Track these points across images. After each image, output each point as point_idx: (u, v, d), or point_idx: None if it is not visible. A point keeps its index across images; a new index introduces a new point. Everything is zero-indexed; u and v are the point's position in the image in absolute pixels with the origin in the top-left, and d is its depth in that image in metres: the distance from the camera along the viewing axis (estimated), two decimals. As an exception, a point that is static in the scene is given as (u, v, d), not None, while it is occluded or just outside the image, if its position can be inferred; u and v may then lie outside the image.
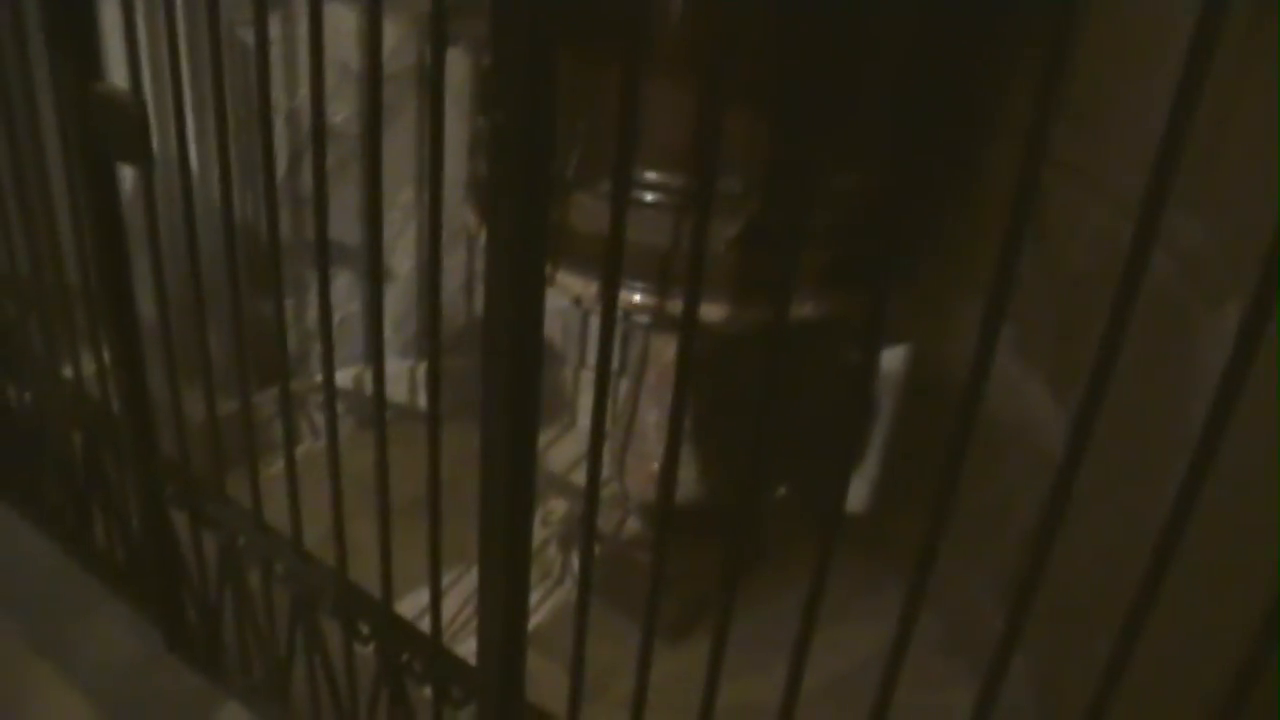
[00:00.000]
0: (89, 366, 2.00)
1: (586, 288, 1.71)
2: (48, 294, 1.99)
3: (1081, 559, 1.76)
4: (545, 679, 1.50)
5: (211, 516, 1.83)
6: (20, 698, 2.04)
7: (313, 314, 2.62)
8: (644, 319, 1.74)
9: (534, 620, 1.53)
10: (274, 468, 1.70)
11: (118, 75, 1.63)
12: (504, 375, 1.19)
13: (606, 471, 2.31)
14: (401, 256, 2.64)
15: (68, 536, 2.32)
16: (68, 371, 2.06)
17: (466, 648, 1.52)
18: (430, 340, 1.29)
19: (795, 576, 1.92)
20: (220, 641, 2.02)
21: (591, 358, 2.71)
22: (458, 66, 2.37)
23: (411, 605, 1.65)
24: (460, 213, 2.08)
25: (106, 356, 1.87)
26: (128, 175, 1.83)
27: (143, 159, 1.56)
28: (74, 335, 2.01)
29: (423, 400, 2.75)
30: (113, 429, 1.97)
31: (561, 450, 2.75)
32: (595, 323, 2.63)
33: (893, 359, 2.28)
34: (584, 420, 2.77)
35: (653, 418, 2.09)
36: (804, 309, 1.65)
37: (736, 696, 1.25)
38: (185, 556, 1.98)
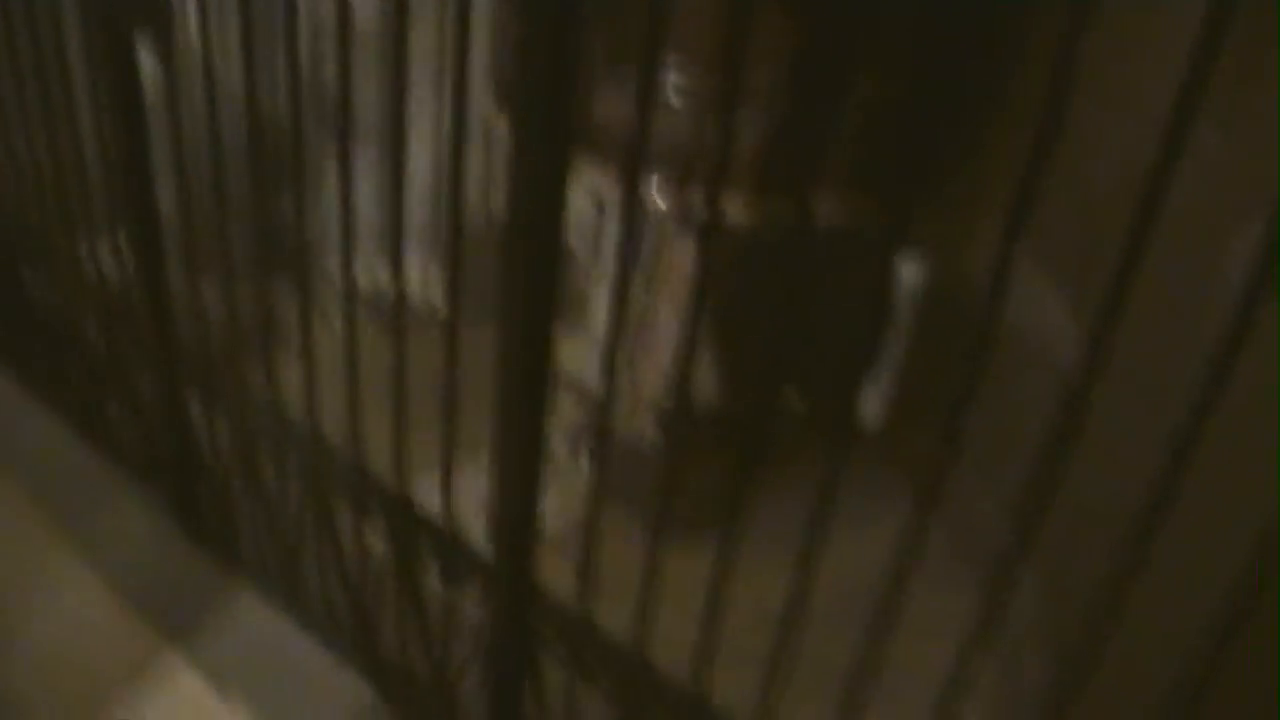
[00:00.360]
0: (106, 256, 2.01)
1: (607, 182, 1.70)
2: (67, 180, 1.99)
3: (1092, 467, 1.77)
4: (553, 576, 1.51)
5: (227, 401, 1.83)
6: (39, 582, 2.08)
7: (328, 206, 2.62)
8: (663, 216, 1.73)
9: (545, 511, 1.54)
10: (288, 353, 1.71)
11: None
12: (523, 268, 1.19)
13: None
14: (418, 153, 2.62)
15: (85, 423, 2.34)
16: (86, 261, 2.07)
17: (477, 538, 1.55)
18: (450, 215, 1.28)
19: (806, 481, 1.94)
20: (235, 527, 2.05)
21: (608, 260, 2.70)
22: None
23: (423, 495, 1.66)
24: (480, 105, 2.06)
25: (124, 243, 1.88)
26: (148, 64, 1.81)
27: (160, 26, 1.55)
28: (92, 221, 2.01)
29: (436, 299, 2.76)
30: (130, 315, 1.98)
31: (571, 349, 2.75)
32: (611, 220, 2.62)
33: (911, 269, 2.27)
34: (596, 320, 2.77)
35: (667, 317, 2.09)
36: (826, 211, 1.64)
37: (747, 597, 1.26)
38: (200, 441, 2.00)
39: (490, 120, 1.94)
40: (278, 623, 2.02)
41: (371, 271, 2.70)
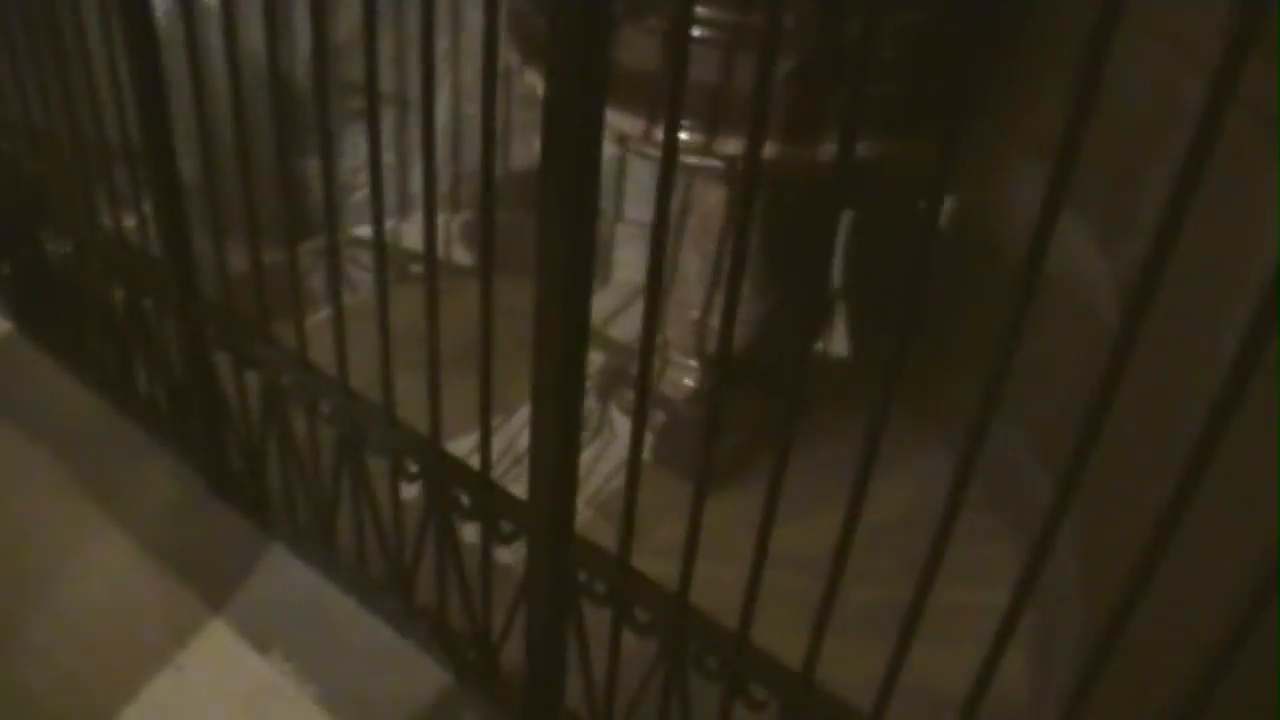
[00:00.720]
0: (128, 217, 2.00)
1: (633, 126, 1.68)
2: (86, 141, 1.98)
3: (1131, 412, 1.76)
4: (587, 527, 1.52)
5: (255, 356, 1.83)
6: (69, 543, 2.09)
7: (346, 166, 2.61)
8: (691, 160, 1.71)
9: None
10: (315, 318, 1.71)
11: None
12: (559, 221, 1.18)
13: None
14: (438, 106, 2.60)
15: (110, 385, 2.34)
16: (107, 221, 2.06)
17: (515, 489, 1.55)
18: (484, 167, 1.27)
19: (839, 427, 1.94)
20: (265, 484, 2.05)
21: (629, 209, 2.68)
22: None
23: (456, 449, 1.65)
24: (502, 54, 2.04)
25: (146, 202, 1.87)
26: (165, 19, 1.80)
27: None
28: (112, 182, 2.00)
29: (457, 254, 2.76)
30: (153, 275, 1.97)
31: (599, 302, 2.74)
32: (634, 169, 2.61)
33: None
34: (621, 273, 2.76)
35: (695, 265, 2.07)
36: (858, 150, 1.62)
37: (779, 544, 1.26)
38: (228, 400, 2.00)
39: (511, 73, 1.92)
40: (313, 578, 2.02)
41: (394, 231, 2.70)
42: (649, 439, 2.13)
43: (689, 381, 2.27)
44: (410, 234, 2.70)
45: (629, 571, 1.42)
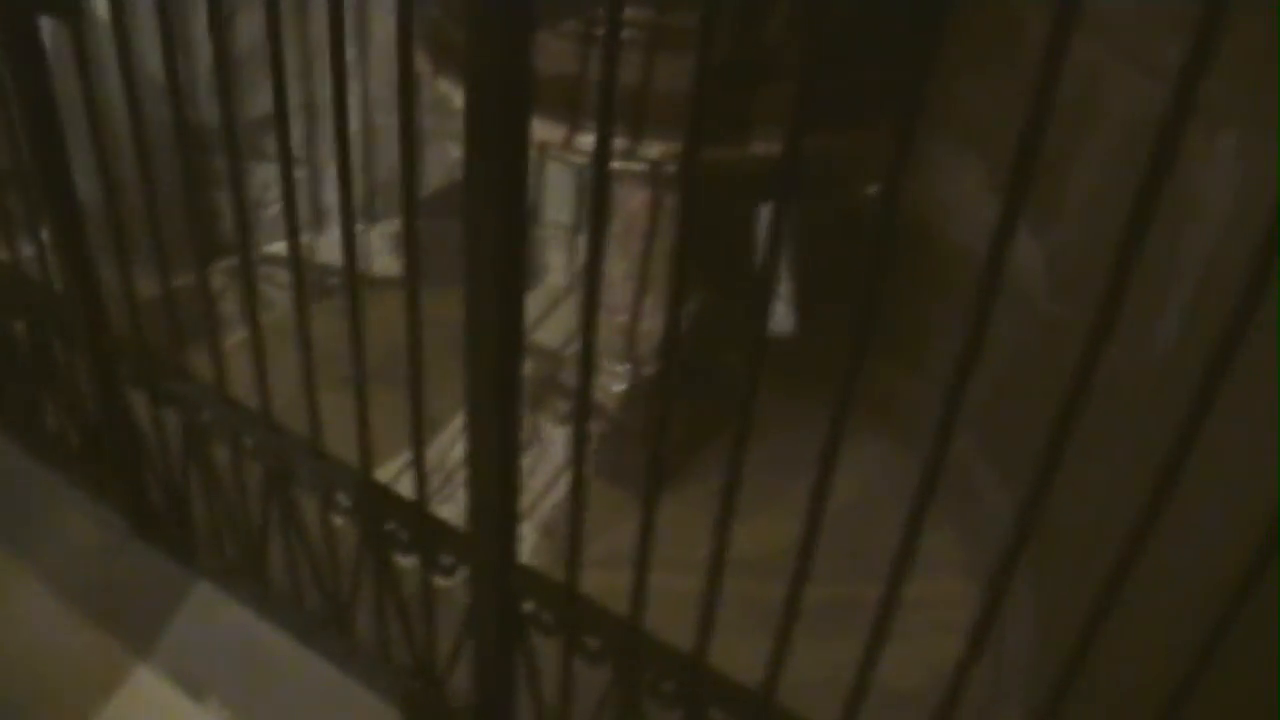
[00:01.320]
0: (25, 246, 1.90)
1: (553, 134, 1.63)
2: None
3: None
4: (535, 545, 1.46)
5: (171, 393, 1.75)
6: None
7: (255, 182, 2.53)
8: (615, 165, 1.66)
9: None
10: (229, 341, 1.63)
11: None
12: (490, 232, 1.12)
13: (572, 326, 2.27)
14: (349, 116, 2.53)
15: (18, 426, 2.23)
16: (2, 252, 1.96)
17: (447, 514, 1.49)
18: (405, 185, 1.21)
19: (777, 417, 1.90)
20: (189, 523, 1.96)
21: (551, 212, 2.62)
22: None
23: (388, 470, 1.59)
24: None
25: (46, 235, 1.77)
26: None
27: (68, 11, 1.45)
28: (6, 214, 1.90)
29: (377, 266, 2.68)
30: (57, 311, 1.87)
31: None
32: (555, 173, 2.55)
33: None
34: (550, 278, 2.70)
35: (619, 268, 2.03)
36: (772, 148, 1.58)
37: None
38: (146, 437, 1.91)
39: (422, 80, 1.86)
40: (245, 618, 1.93)
41: (308, 246, 2.62)
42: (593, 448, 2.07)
43: (619, 386, 2.22)
44: (326, 249, 2.62)
45: (577, 599, 1.36)
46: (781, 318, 2.48)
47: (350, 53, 2.39)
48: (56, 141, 1.64)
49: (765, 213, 2.31)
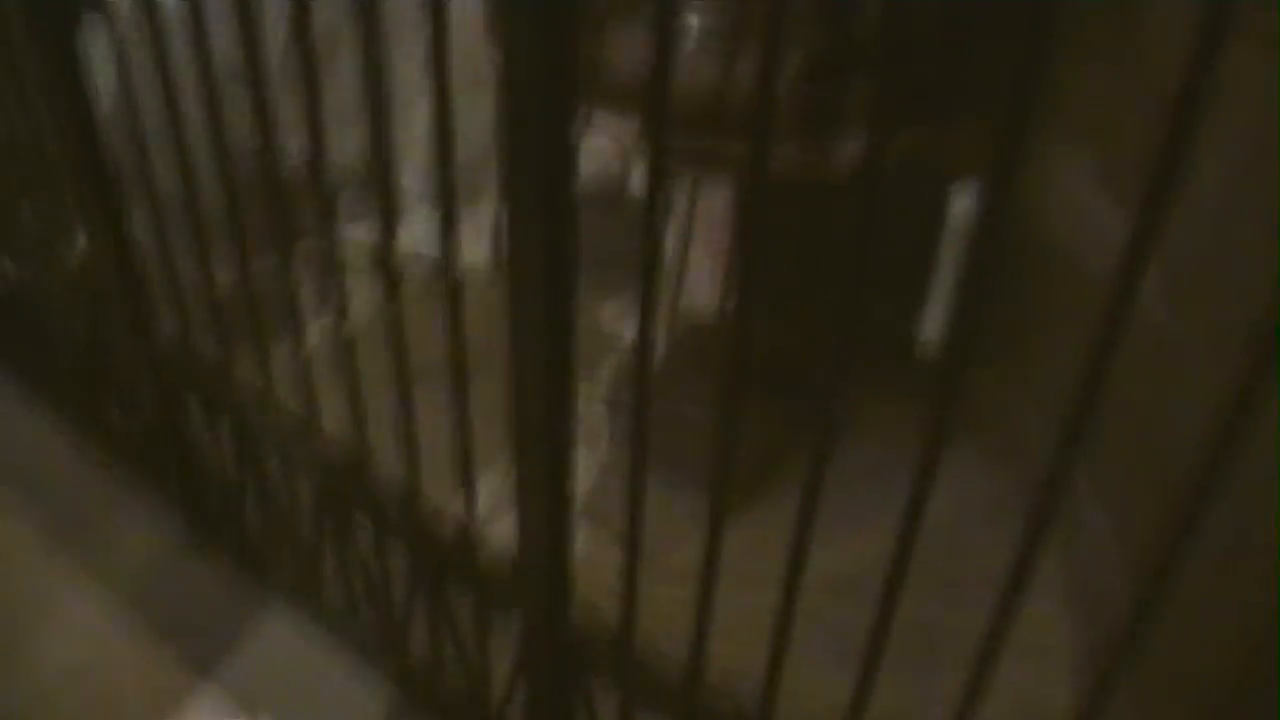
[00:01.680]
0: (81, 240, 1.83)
1: (628, 131, 1.51)
2: (32, 173, 1.81)
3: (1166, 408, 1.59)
4: (594, 550, 1.34)
5: (220, 399, 1.67)
6: (44, 599, 1.93)
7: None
8: (690, 165, 1.54)
9: (580, 484, 1.34)
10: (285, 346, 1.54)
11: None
12: (534, 227, 1.00)
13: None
14: (421, 107, 2.44)
15: (87, 427, 2.19)
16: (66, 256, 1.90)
17: (504, 544, 1.37)
18: (444, 180, 1.09)
19: (860, 438, 1.76)
20: (245, 532, 1.88)
21: (632, 209, 2.51)
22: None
23: (443, 485, 1.46)
24: (486, 52, 1.87)
25: (93, 240, 1.70)
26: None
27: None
28: (61, 210, 1.84)
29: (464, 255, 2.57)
30: (111, 308, 1.80)
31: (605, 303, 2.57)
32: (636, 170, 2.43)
33: (963, 196, 2.08)
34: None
35: (704, 267, 1.91)
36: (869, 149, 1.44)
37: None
38: (203, 448, 1.84)
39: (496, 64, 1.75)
40: (301, 636, 1.85)
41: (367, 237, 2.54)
42: (662, 454, 1.94)
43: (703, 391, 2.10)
44: (405, 237, 2.54)
45: (633, 659, 1.24)
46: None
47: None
48: (95, 145, 1.56)
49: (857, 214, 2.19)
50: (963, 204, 2.08)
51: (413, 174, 2.63)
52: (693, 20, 1.42)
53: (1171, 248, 1.61)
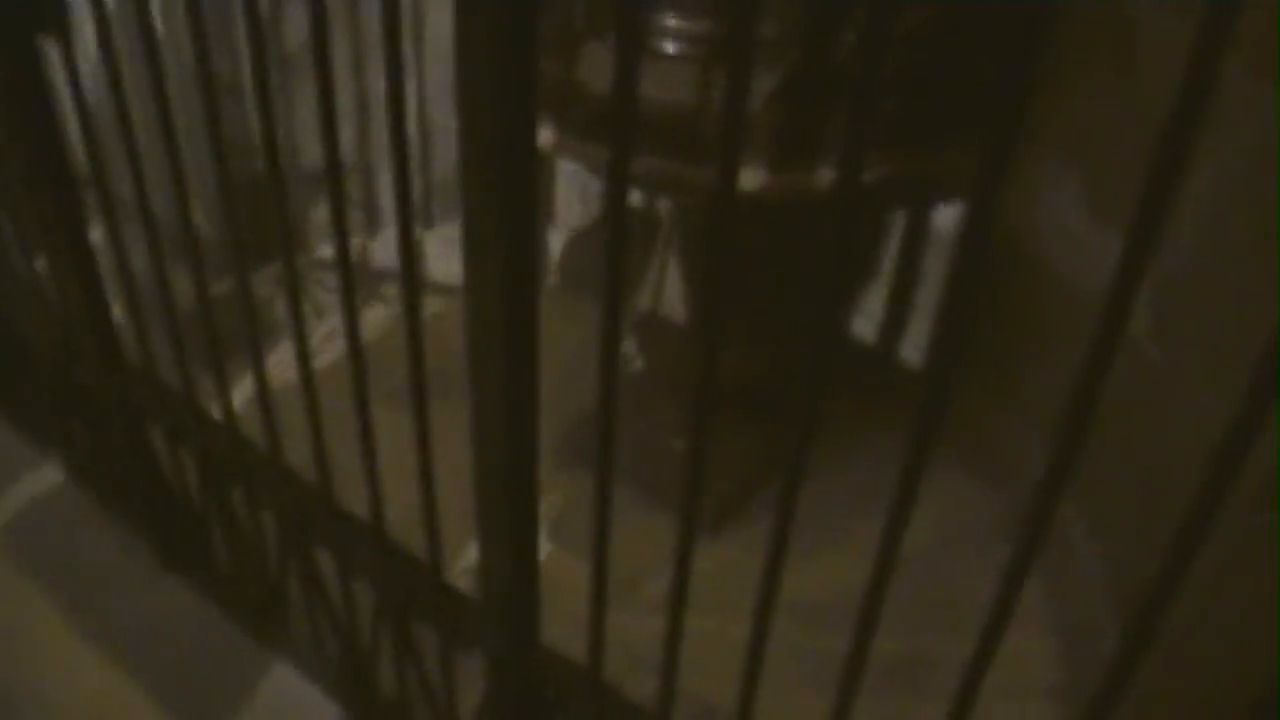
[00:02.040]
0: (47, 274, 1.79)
1: (601, 154, 1.46)
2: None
3: (1163, 445, 1.55)
4: (564, 575, 1.29)
5: (184, 430, 1.62)
6: (8, 618, 1.89)
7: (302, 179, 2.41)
8: (661, 189, 1.50)
9: (549, 503, 1.28)
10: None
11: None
12: (490, 246, 0.95)
13: (628, 349, 2.11)
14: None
15: (54, 444, 2.14)
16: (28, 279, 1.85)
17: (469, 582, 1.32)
18: (400, 205, 1.05)
19: (837, 457, 1.70)
20: (212, 560, 1.84)
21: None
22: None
23: (411, 515, 1.42)
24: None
25: (57, 263, 1.66)
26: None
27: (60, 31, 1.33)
28: (28, 240, 1.79)
29: (434, 270, 2.54)
30: (77, 339, 1.76)
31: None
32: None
33: (947, 216, 2.06)
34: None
35: (678, 290, 1.87)
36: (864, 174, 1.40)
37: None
38: (167, 475, 1.79)
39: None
40: (266, 669, 1.79)
41: (361, 247, 2.51)
42: (635, 479, 1.89)
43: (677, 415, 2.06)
44: (381, 251, 2.52)
45: (601, 696, 1.19)
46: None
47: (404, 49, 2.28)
48: (59, 167, 1.52)
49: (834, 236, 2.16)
50: (947, 222, 2.05)
51: (389, 188, 2.60)
52: (666, 42, 1.38)
53: (1160, 278, 1.58)
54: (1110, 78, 1.65)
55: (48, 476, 2.16)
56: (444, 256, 2.56)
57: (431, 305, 1.19)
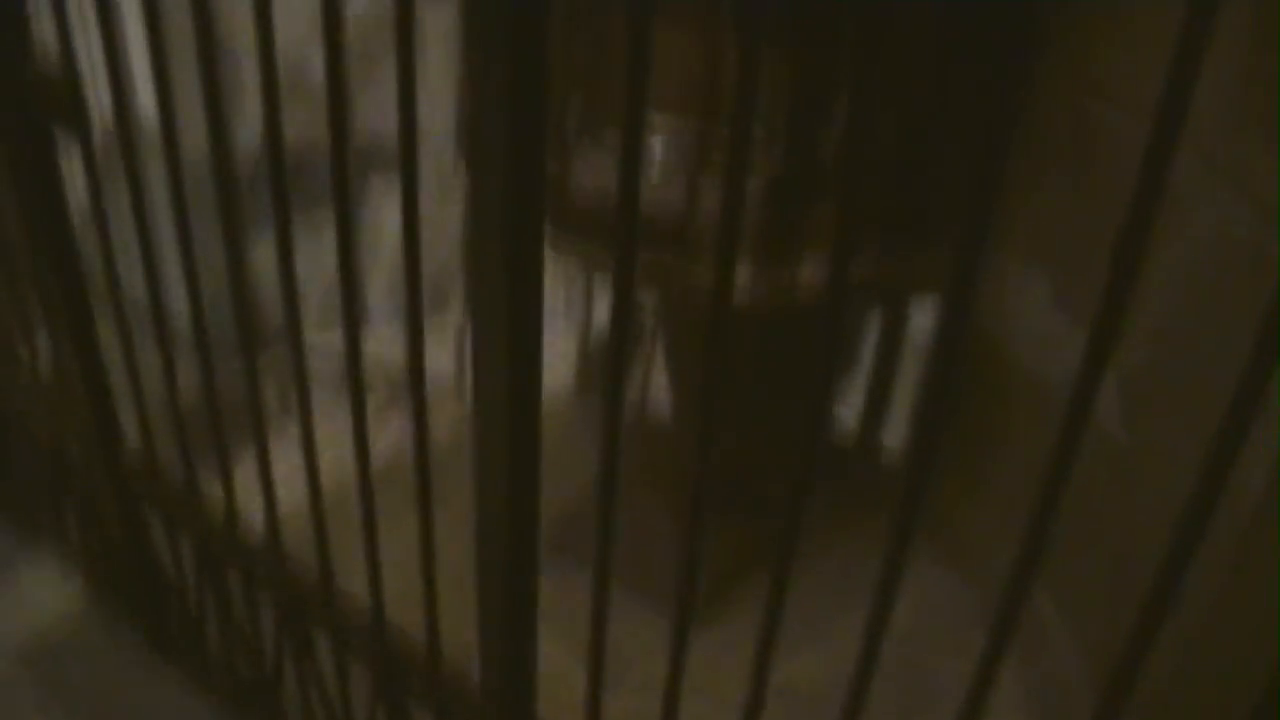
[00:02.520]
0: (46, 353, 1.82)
1: (595, 253, 1.53)
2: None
3: (1130, 528, 1.60)
4: (556, 665, 1.32)
5: (183, 519, 1.65)
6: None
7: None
8: (649, 283, 1.56)
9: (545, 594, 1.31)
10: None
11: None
12: (499, 349, 1.01)
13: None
14: (390, 214, 2.46)
15: (46, 530, 2.16)
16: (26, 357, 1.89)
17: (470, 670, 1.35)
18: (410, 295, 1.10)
19: (820, 549, 1.74)
20: (204, 646, 1.85)
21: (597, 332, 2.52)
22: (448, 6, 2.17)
23: (411, 604, 1.45)
24: (455, 164, 1.90)
25: (59, 344, 1.70)
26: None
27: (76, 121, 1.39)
28: (26, 316, 1.83)
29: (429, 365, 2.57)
30: (74, 418, 1.79)
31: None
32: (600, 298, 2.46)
33: (922, 312, 2.12)
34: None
35: (665, 387, 1.92)
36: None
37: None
38: (163, 560, 1.81)
39: (465, 179, 1.78)
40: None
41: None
42: (625, 571, 1.93)
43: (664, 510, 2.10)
44: (370, 345, 2.54)
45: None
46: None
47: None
48: (68, 254, 1.57)
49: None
50: (922, 320, 2.12)
51: (380, 281, 2.64)
52: (655, 144, 1.44)
53: (1126, 366, 1.65)
54: (1072, 178, 1.72)
55: (39, 562, 2.17)
56: (431, 349, 2.60)
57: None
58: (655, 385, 2.01)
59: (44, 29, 1.44)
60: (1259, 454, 0.80)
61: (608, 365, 0.98)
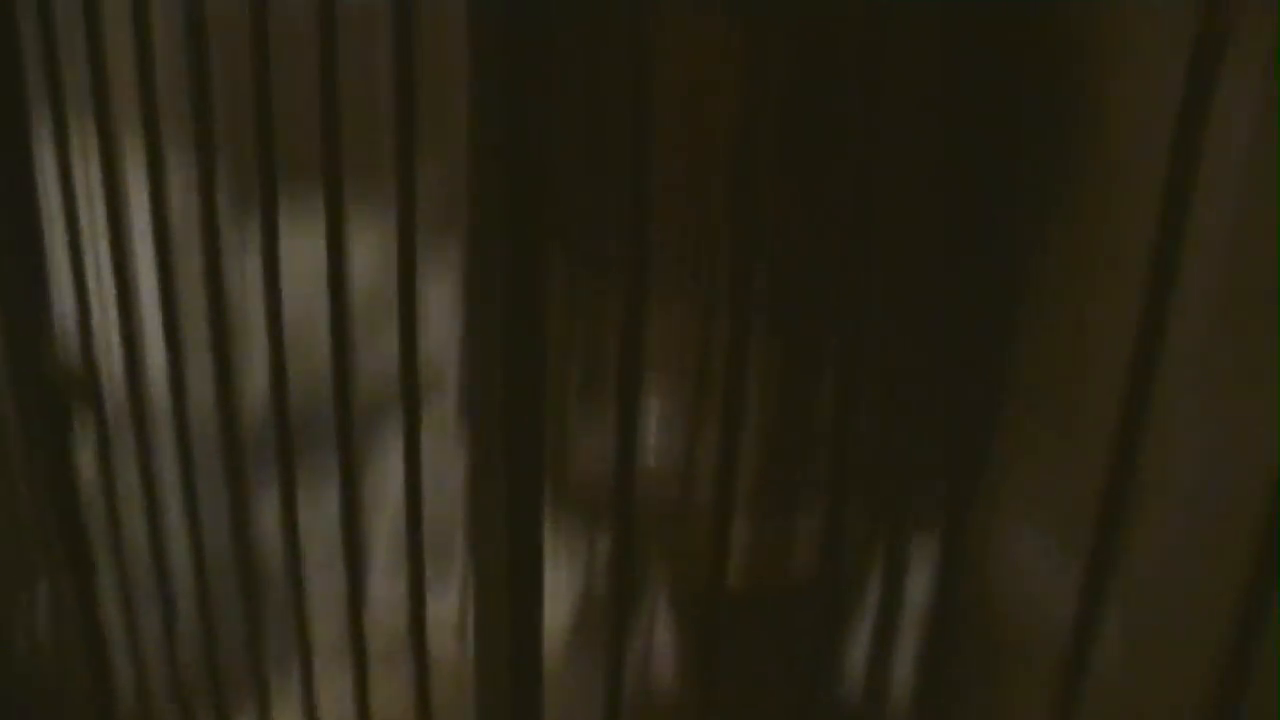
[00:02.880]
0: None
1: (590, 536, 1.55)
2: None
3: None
4: None
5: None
6: None
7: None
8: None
9: None
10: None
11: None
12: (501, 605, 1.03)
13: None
14: (388, 478, 2.49)
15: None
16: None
17: None
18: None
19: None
20: None
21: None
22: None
23: None
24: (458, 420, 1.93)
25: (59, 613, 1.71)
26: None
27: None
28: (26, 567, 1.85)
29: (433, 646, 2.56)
30: (71, 683, 1.78)
31: None
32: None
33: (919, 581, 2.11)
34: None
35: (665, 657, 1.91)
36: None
37: None
38: None
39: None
40: None
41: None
42: None
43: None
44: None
45: None
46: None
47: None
48: (80, 544, 1.60)
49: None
50: (917, 578, 2.11)
51: (382, 540, 2.64)
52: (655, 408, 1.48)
53: (1127, 609, 1.64)
54: (1066, 420, 1.75)
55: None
56: (432, 599, 2.59)
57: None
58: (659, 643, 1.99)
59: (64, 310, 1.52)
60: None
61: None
